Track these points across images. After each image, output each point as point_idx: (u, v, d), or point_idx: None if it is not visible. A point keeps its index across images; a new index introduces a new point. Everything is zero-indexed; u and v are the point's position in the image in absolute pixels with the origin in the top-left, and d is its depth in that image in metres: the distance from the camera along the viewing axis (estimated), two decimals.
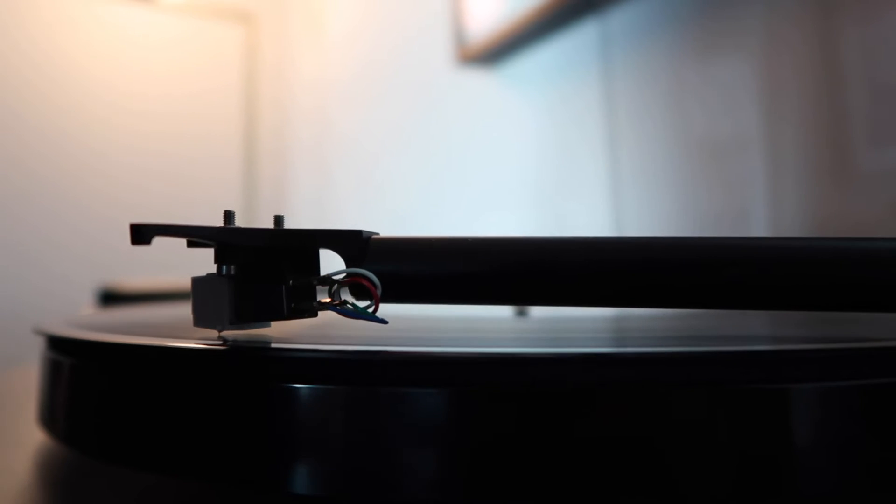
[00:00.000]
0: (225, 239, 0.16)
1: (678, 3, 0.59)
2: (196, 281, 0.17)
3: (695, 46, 0.57)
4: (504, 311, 0.29)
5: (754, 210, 0.52)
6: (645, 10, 0.62)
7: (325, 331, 0.20)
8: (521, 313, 0.29)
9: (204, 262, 0.18)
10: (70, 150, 1.42)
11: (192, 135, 1.51)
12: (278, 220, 0.18)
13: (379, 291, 0.16)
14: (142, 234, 0.14)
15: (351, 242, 0.16)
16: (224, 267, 0.17)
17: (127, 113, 1.46)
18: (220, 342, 0.16)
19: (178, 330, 0.20)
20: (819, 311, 0.16)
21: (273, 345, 0.16)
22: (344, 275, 0.16)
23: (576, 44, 0.70)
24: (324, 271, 0.17)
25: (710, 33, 0.56)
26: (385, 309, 0.16)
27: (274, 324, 0.18)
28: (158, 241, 0.17)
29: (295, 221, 1.42)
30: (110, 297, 0.54)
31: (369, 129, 1.17)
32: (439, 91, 0.96)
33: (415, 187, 1.03)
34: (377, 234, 0.17)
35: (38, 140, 1.39)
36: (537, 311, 0.30)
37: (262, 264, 0.17)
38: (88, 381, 0.18)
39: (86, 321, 0.24)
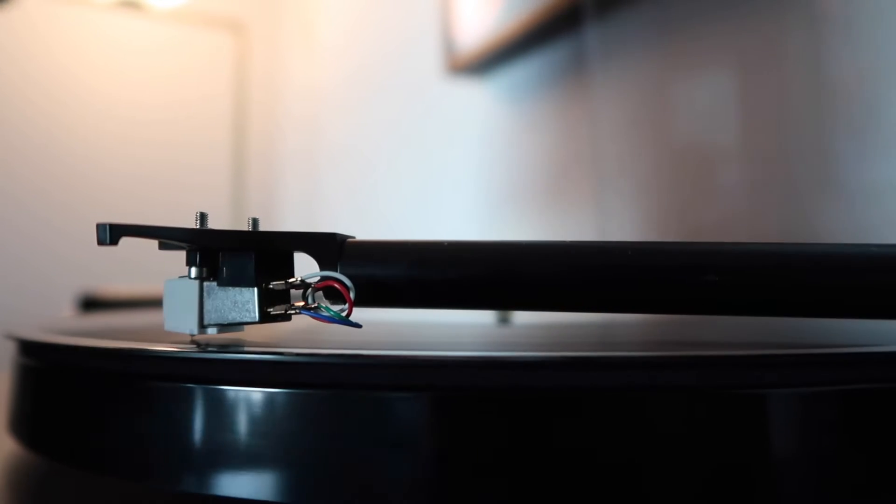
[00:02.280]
0: (196, 240, 0.16)
1: (665, 15, 0.59)
2: (168, 284, 0.17)
3: (681, 58, 0.57)
4: (486, 318, 0.29)
5: (738, 222, 0.52)
6: (633, 23, 0.62)
7: (297, 336, 0.20)
8: (504, 320, 0.29)
9: None
10: (59, 156, 1.41)
11: (182, 141, 1.50)
12: (254, 222, 0.18)
13: (352, 295, 0.16)
14: (108, 234, 0.14)
15: (325, 245, 0.16)
16: (196, 270, 0.16)
17: (116, 119, 1.46)
18: (192, 346, 0.16)
19: (150, 334, 0.20)
20: (796, 316, 0.16)
21: (233, 349, 0.16)
22: (318, 278, 0.16)
23: (564, 55, 0.70)
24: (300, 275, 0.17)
25: (696, 45, 0.56)
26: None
27: (249, 327, 0.18)
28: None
29: (284, 227, 1.42)
30: (91, 304, 0.53)
31: (359, 137, 1.17)
32: (429, 100, 0.96)
33: (404, 195, 1.03)
34: (353, 237, 0.17)
35: (27, 145, 1.38)
36: (520, 318, 0.29)
37: (234, 267, 0.16)
38: (47, 385, 0.17)
39: (54, 325, 0.24)
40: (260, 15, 1.60)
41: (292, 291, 0.17)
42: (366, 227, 1.10)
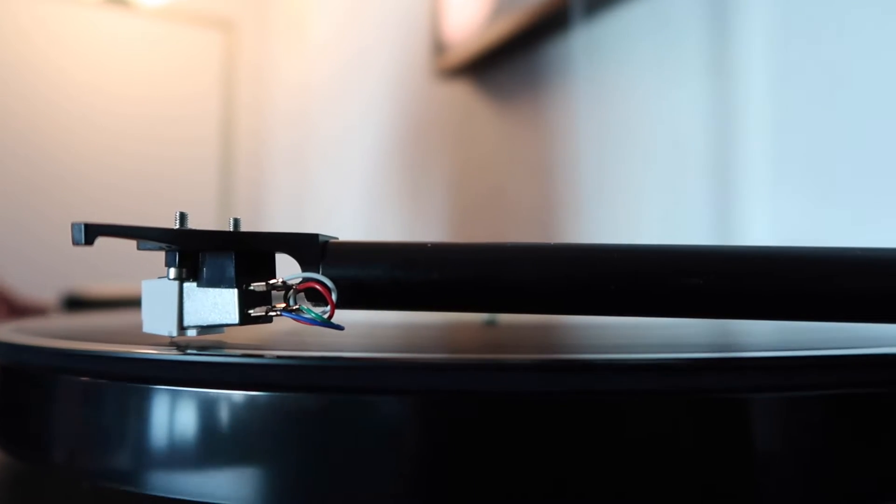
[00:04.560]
0: (174, 241, 0.16)
1: (665, 12, 0.59)
2: (146, 285, 0.17)
3: (679, 58, 0.58)
4: (473, 320, 0.29)
5: (729, 226, 0.52)
6: (628, 22, 0.62)
7: (278, 338, 0.20)
8: (492, 322, 0.29)
9: None
10: (46, 152, 1.39)
11: (170, 138, 1.49)
12: (235, 222, 0.17)
13: (334, 297, 0.15)
14: (84, 234, 0.14)
15: (307, 246, 0.16)
16: (175, 270, 0.16)
17: (104, 116, 1.44)
18: (171, 348, 0.16)
19: (130, 336, 0.19)
20: (780, 320, 0.16)
21: (213, 351, 0.15)
22: (299, 279, 0.16)
23: (553, 56, 0.70)
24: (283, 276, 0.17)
25: (692, 45, 0.56)
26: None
27: (229, 329, 0.18)
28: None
29: (273, 225, 1.41)
30: (75, 303, 0.52)
31: (349, 134, 1.17)
32: (419, 98, 0.96)
33: (396, 194, 1.03)
34: (336, 238, 0.17)
35: (12, 141, 1.37)
36: (507, 320, 0.29)
37: (214, 268, 0.16)
38: (21, 388, 0.17)
39: (33, 326, 0.23)
40: (249, 12, 1.59)
41: (273, 293, 0.17)
42: (357, 225, 1.09)
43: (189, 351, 0.15)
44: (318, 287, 0.15)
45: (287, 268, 0.17)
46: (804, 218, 0.47)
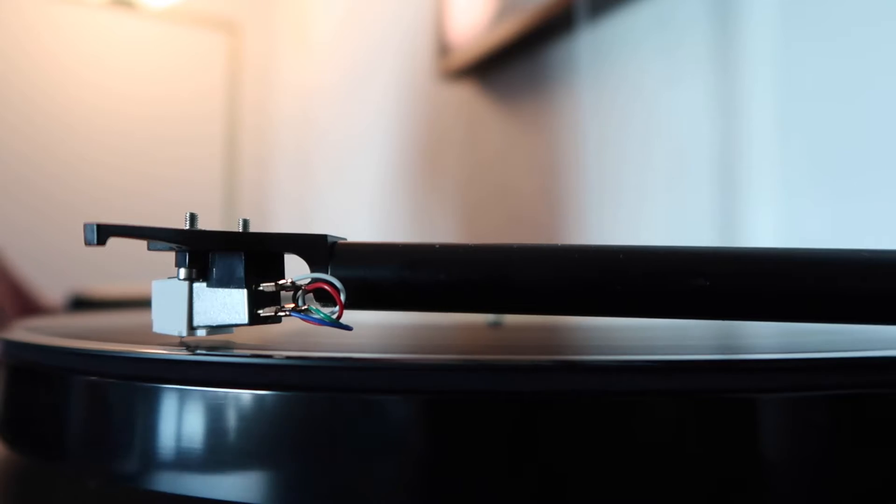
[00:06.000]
0: (185, 241, 0.16)
1: (670, 13, 0.59)
2: (156, 285, 0.17)
3: (683, 59, 0.58)
4: (478, 320, 0.29)
5: (734, 227, 0.52)
6: (633, 23, 0.62)
7: (287, 338, 0.20)
8: (497, 322, 0.29)
9: None
10: (52, 154, 1.40)
11: (175, 140, 1.50)
12: (244, 223, 0.17)
13: (343, 297, 0.16)
14: (96, 234, 0.14)
15: (315, 247, 0.16)
16: (184, 270, 0.16)
17: (109, 117, 1.45)
18: (181, 348, 0.16)
19: (139, 336, 0.19)
20: (786, 321, 0.16)
21: (223, 351, 0.15)
22: (308, 280, 0.16)
23: (557, 58, 0.70)
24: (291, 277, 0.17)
25: (697, 46, 0.56)
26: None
27: (238, 329, 0.18)
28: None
29: (278, 227, 1.42)
30: (81, 304, 0.53)
31: (353, 135, 1.17)
32: (423, 100, 0.96)
33: (401, 195, 1.03)
34: (344, 238, 0.17)
35: (19, 142, 1.38)
36: (512, 320, 0.29)
37: (224, 268, 0.16)
38: (31, 386, 0.17)
39: (41, 326, 0.24)
40: (253, 15, 1.59)
41: (282, 293, 0.17)
42: (360, 225, 1.10)
43: (198, 351, 0.15)
44: (326, 287, 0.15)
45: (296, 268, 0.17)
46: (810, 219, 0.47)
